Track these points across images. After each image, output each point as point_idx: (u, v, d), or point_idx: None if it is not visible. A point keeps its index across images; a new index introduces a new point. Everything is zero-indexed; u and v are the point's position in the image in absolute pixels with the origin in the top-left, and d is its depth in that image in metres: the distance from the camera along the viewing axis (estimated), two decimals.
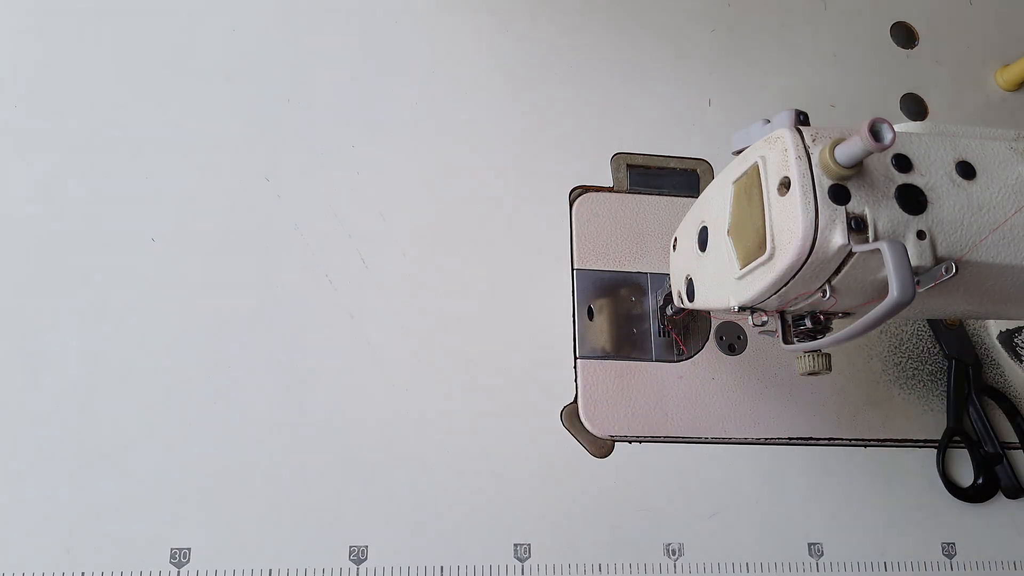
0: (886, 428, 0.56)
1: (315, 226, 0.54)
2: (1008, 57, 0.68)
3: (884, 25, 0.68)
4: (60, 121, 0.53)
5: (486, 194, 0.57)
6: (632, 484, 0.52)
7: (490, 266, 0.55)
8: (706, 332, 0.57)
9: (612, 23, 0.63)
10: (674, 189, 0.60)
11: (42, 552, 0.46)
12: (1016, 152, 0.38)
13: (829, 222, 0.34)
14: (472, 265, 0.55)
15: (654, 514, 0.52)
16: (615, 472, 0.52)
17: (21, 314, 0.50)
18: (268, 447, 0.49)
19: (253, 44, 0.57)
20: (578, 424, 0.53)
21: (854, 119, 0.63)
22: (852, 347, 0.58)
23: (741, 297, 0.40)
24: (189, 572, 0.46)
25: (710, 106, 0.62)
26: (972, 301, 0.40)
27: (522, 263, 0.55)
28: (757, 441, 0.55)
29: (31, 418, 0.48)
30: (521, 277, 0.56)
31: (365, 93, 0.58)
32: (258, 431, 0.49)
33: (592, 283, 0.56)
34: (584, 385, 0.54)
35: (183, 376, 0.49)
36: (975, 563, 0.54)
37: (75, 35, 0.55)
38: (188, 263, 0.52)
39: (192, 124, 0.55)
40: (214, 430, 0.49)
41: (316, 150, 0.56)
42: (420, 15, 0.61)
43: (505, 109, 0.59)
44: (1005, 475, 0.56)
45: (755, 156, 0.37)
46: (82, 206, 0.52)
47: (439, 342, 0.53)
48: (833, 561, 0.53)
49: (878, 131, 0.31)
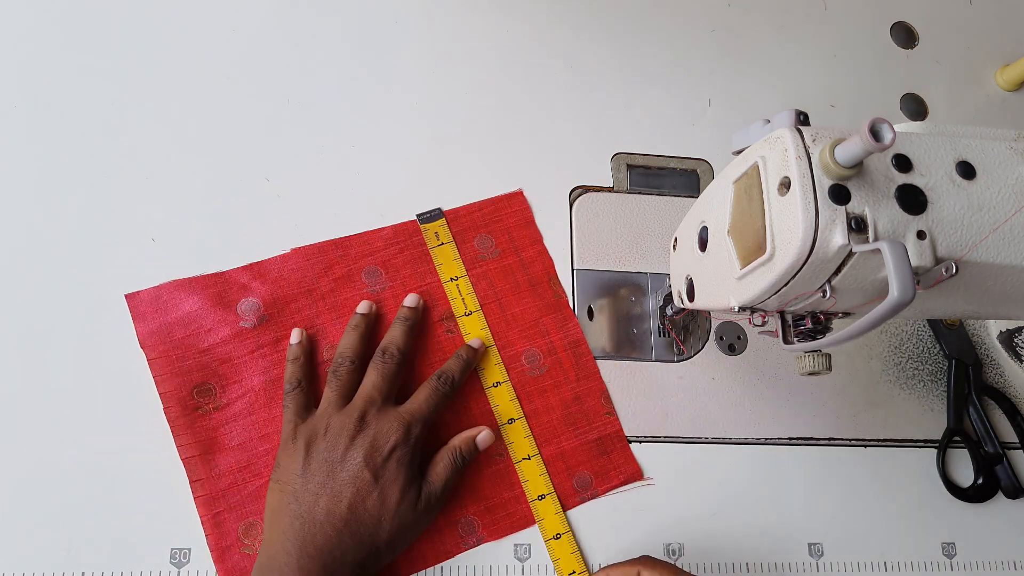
0: (886, 428, 0.56)
1: (315, 226, 0.54)
2: (1008, 57, 0.68)
3: (884, 25, 0.68)
4: (60, 121, 0.53)
5: (486, 194, 0.57)
6: (632, 484, 0.52)
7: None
8: (706, 332, 0.57)
9: (612, 23, 0.63)
10: (674, 189, 0.60)
11: (42, 552, 0.46)
12: (1016, 152, 0.38)
13: (829, 222, 0.34)
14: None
15: (654, 514, 0.52)
16: None
17: (21, 314, 0.50)
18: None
19: (253, 44, 0.57)
20: None
21: (854, 119, 0.63)
22: (852, 347, 0.58)
23: (741, 297, 0.40)
24: (189, 572, 0.46)
25: (710, 106, 0.62)
26: (972, 301, 0.40)
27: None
28: (757, 441, 0.55)
29: (31, 418, 0.48)
30: None
31: (365, 93, 0.58)
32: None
33: (592, 283, 0.56)
34: None
35: None
36: (975, 563, 0.54)
37: (75, 35, 0.55)
38: (188, 263, 0.52)
39: (192, 124, 0.55)
40: None
41: (316, 150, 0.56)
42: (420, 15, 0.61)
43: (505, 109, 0.59)
44: (1005, 475, 0.56)
45: (755, 156, 0.37)
46: (82, 206, 0.52)
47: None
48: (833, 561, 0.53)
49: (878, 131, 0.31)
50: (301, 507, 0.42)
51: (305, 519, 0.42)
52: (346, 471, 0.43)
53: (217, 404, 0.49)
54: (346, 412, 0.45)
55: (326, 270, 0.52)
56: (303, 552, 0.41)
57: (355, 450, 0.44)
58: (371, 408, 0.45)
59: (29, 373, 0.49)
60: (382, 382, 0.47)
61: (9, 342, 0.49)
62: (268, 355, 0.50)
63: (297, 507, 0.43)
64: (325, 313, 0.51)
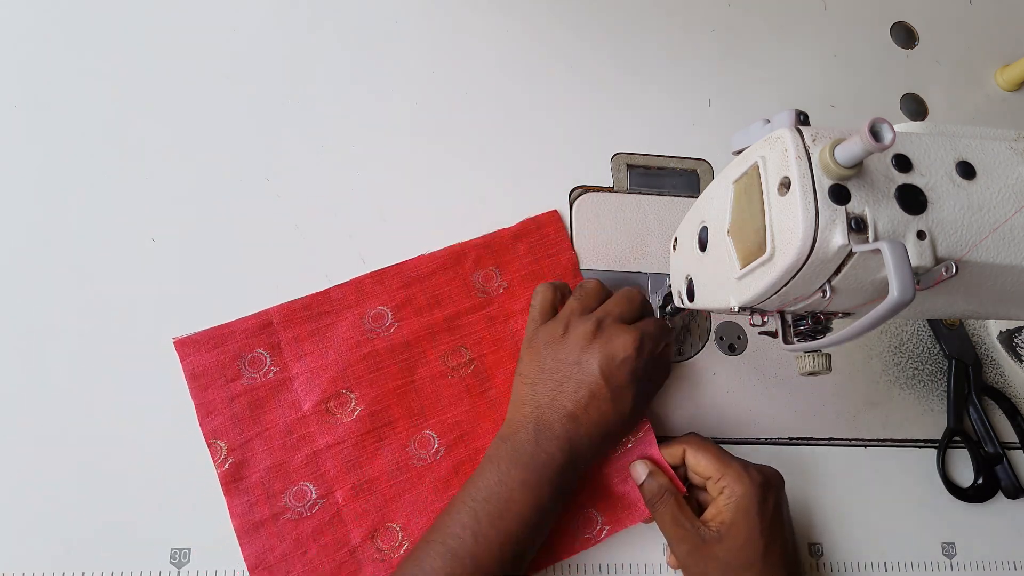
0: (886, 428, 0.56)
1: (315, 226, 0.54)
2: (1008, 57, 0.68)
3: (884, 25, 0.68)
4: (60, 121, 0.53)
5: (486, 194, 0.57)
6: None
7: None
8: (706, 332, 0.57)
9: (612, 23, 0.63)
10: (674, 189, 0.60)
11: (42, 552, 0.46)
12: (1016, 152, 0.38)
13: (829, 222, 0.34)
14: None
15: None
16: None
17: (21, 314, 0.50)
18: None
19: (253, 44, 0.57)
20: None
21: (854, 119, 0.63)
22: (852, 347, 0.58)
23: (741, 297, 0.40)
24: (189, 572, 0.46)
25: (710, 106, 0.62)
26: (972, 301, 0.40)
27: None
28: (757, 441, 0.55)
29: (31, 417, 0.48)
30: None
31: (365, 93, 0.58)
32: None
33: None
34: None
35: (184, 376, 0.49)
36: (975, 563, 0.54)
37: (75, 35, 0.55)
38: (188, 263, 0.52)
39: (192, 124, 0.55)
40: None
41: (316, 150, 0.56)
42: (420, 15, 0.61)
43: (505, 109, 0.59)
44: (1005, 475, 0.56)
45: (755, 156, 0.37)
46: (82, 206, 0.52)
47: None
48: (833, 561, 0.53)
49: (878, 131, 0.31)
50: (539, 399, 0.46)
51: (542, 409, 0.46)
52: (582, 373, 0.45)
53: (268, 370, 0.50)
54: (585, 318, 0.47)
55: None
56: (540, 434, 0.45)
57: (591, 355, 0.46)
58: (608, 318, 0.47)
59: (28, 373, 0.49)
60: (621, 308, 0.48)
61: (9, 342, 0.49)
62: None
63: (535, 399, 0.46)
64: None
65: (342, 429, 0.49)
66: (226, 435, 0.48)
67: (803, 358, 0.42)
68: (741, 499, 0.45)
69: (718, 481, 0.46)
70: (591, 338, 0.46)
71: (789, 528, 0.47)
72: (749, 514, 0.44)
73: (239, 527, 0.47)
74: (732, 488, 0.45)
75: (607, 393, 0.45)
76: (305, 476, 0.48)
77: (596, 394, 0.45)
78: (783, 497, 0.48)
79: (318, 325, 0.51)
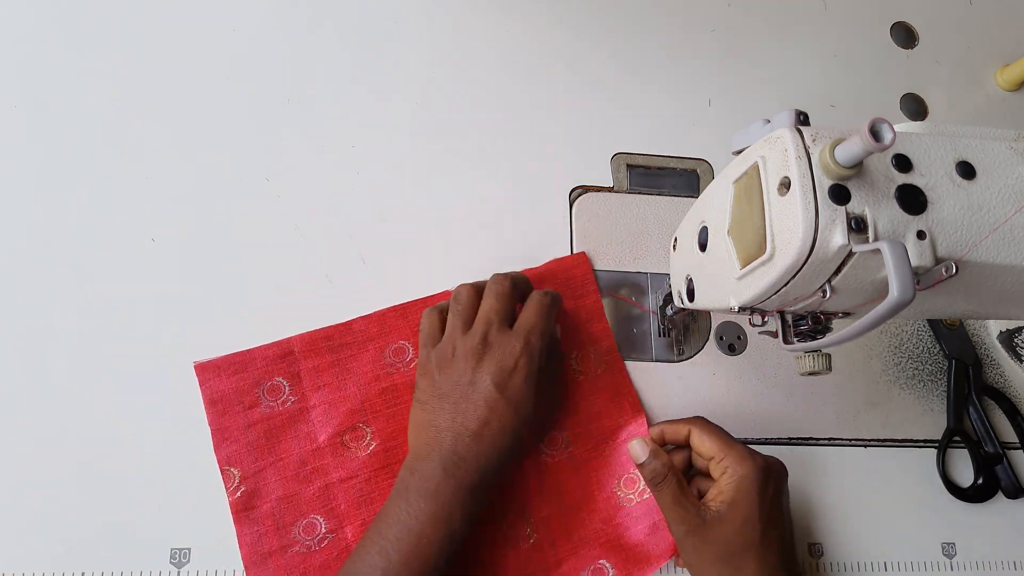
0: (886, 428, 0.56)
1: (315, 226, 0.54)
2: (1008, 57, 0.68)
3: (884, 25, 0.68)
4: (60, 121, 0.53)
5: (486, 194, 0.57)
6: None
7: (490, 266, 0.55)
8: (706, 332, 0.57)
9: (612, 23, 0.63)
10: (674, 189, 0.60)
11: (42, 552, 0.46)
12: (1016, 152, 0.38)
13: (829, 222, 0.34)
14: (472, 265, 0.55)
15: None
16: None
17: (21, 314, 0.50)
18: None
19: (253, 44, 0.57)
20: None
21: (854, 119, 0.63)
22: (852, 347, 0.58)
23: (741, 297, 0.40)
24: (189, 572, 0.46)
25: (710, 106, 0.62)
26: (972, 301, 0.40)
27: (522, 263, 0.55)
28: (757, 441, 0.55)
29: (31, 417, 0.48)
30: None
31: (365, 93, 0.58)
32: None
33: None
34: None
35: (185, 376, 0.49)
36: (975, 563, 0.54)
37: (75, 35, 0.55)
38: (188, 263, 0.52)
39: (192, 124, 0.55)
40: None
41: (316, 150, 0.56)
42: (420, 15, 0.61)
43: (505, 109, 0.59)
44: (1005, 475, 0.56)
45: (755, 156, 0.37)
46: (82, 206, 0.52)
47: None
48: (833, 561, 0.53)
49: (878, 131, 0.31)
50: (440, 424, 0.46)
51: (443, 434, 0.45)
52: (477, 392, 0.46)
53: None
54: (469, 336, 0.47)
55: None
56: (444, 460, 0.44)
57: (482, 372, 0.46)
58: (491, 329, 0.47)
59: (28, 373, 0.49)
60: (497, 303, 0.48)
61: (9, 342, 0.49)
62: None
63: (436, 425, 0.46)
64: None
65: (356, 463, 0.49)
66: (240, 463, 0.47)
67: (803, 358, 0.42)
68: (743, 480, 0.45)
69: (720, 461, 0.46)
70: (479, 355, 0.46)
71: (788, 520, 0.47)
72: (750, 494, 0.44)
73: (247, 557, 0.46)
74: (734, 468, 0.45)
75: (504, 404, 0.45)
76: (316, 509, 0.48)
77: (494, 408, 0.45)
78: (784, 487, 0.47)
79: (339, 356, 0.50)
